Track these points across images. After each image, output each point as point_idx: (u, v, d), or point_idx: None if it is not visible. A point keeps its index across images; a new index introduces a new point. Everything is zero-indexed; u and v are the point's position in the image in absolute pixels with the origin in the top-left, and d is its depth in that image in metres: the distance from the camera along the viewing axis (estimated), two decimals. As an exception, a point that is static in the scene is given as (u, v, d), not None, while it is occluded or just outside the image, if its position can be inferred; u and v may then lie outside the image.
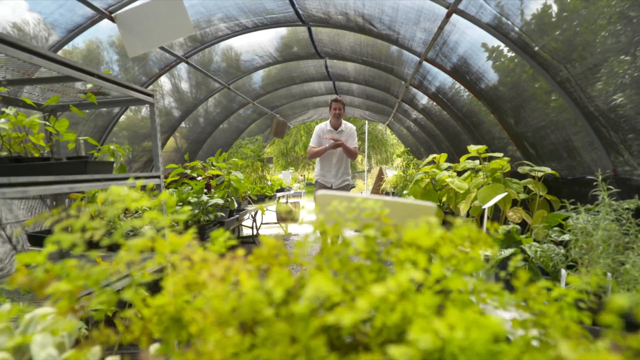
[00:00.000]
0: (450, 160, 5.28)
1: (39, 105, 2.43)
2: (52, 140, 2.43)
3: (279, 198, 7.19)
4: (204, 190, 4.00)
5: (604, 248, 1.44)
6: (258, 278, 0.49)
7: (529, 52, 2.47)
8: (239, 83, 5.81)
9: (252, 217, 6.72)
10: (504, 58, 2.90)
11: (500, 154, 3.03)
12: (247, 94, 6.33)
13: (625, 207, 1.53)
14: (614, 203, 1.57)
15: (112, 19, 2.74)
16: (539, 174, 2.84)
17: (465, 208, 3.16)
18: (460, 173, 4.01)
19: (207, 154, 6.77)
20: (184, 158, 5.67)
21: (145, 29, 2.69)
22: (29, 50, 1.56)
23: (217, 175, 4.34)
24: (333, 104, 4.81)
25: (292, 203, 8.03)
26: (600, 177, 1.66)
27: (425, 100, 5.35)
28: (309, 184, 21.29)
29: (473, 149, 3.11)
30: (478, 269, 0.43)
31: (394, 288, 0.36)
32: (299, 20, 3.98)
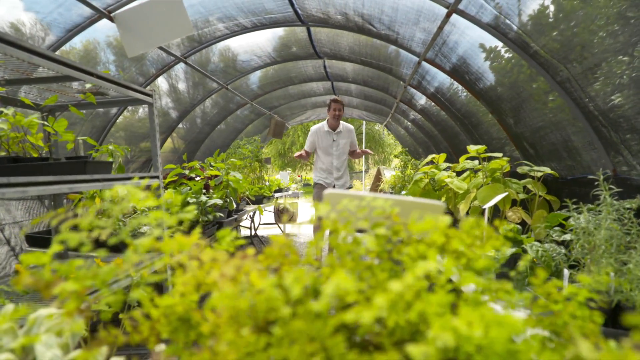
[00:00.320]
0: (449, 161, 5.28)
1: (38, 105, 2.42)
2: (50, 141, 2.41)
3: (277, 198, 7.18)
4: (203, 191, 3.99)
5: (607, 248, 1.44)
6: (269, 277, 0.48)
7: (529, 52, 2.48)
8: (237, 83, 5.80)
9: (250, 217, 6.71)
10: (504, 58, 2.90)
11: (500, 154, 3.03)
12: (245, 95, 6.32)
13: (627, 206, 1.53)
14: (616, 203, 1.57)
15: (111, 19, 2.73)
16: (539, 174, 2.84)
17: (465, 208, 3.16)
18: (459, 173, 4.01)
19: (205, 155, 6.76)
20: (182, 158, 5.66)
21: (145, 29, 2.68)
22: (29, 50, 1.55)
23: (215, 176, 4.33)
24: (332, 105, 4.63)
25: (290, 203, 8.01)
26: (602, 176, 1.66)
27: (424, 101, 5.36)
28: (307, 185, 21.27)
29: (473, 149, 3.11)
30: (490, 267, 0.43)
31: (412, 282, 0.36)
32: (298, 20, 3.97)
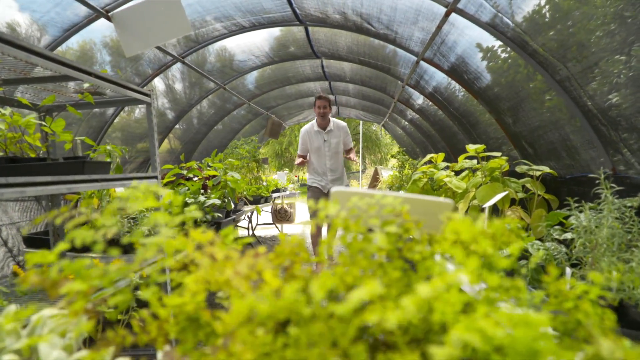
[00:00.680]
0: (447, 160, 5.29)
1: (35, 105, 2.40)
2: (48, 141, 2.40)
3: (275, 199, 7.16)
4: (201, 191, 3.98)
5: (609, 246, 1.44)
6: (280, 276, 0.47)
7: (528, 50, 2.48)
8: (235, 83, 5.78)
9: (248, 218, 6.69)
10: (502, 57, 2.90)
11: (499, 153, 3.03)
12: (242, 95, 6.30)
13: (628, 205, 1.54)
14: (617, 201, 1.57)
15: (108, 18, 2.72)
16: (537, 173, 2.84)
17: (464, 207, 3.16)
18: (458, 173, 4.01)
19: (202, 155, 6.73)
20: (180, 159, 5.64)
21: (142, 29, 2.67)
22: (27, 49, 1.54)
23: (213, 176, 4.31)
24: (317, 102, 4.25)
25: (287, 204, 7.99)
26: (603, 175, 1.66)
27: (422, 100, 5.36)
28: (304, 185, 21.22)
29: (472, 148, 3.11)
30: (513, 266, 0.42)
31: (442, 286, 0.35)
32: (296, 20, 3.97)
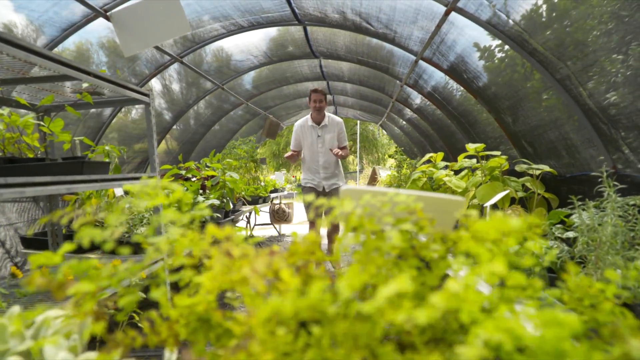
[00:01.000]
0: (446, 160, 5.29)
1: (33, 106, 2.38)
2: (46, 141, 2.38)
3: (273, 199, 7.15)
4: (199, 191, 3.96)
5: (613, 244, 1.44)
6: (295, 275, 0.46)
7: (528, 49, 2.48)
8: (233, 83, 5.76)
9: (246, 218, 6.68)
10: (502, 56, 2.90)
11: (498, 152, 3.03)
12: (240, 95, 6.28)
13: (632, 203, 1.53)
14: (619, 199, 1.57)
15: (107, 18, 2.70)
16: (537, 172, 2.84)
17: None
18: (457, 172, 4.01)
19: (199, 156, 6.71)
20: (178, 159, 5.62)
21: (141, 28, 2.65)
22: (26, 49, 1.52)
23: (211, 176, 4.30)
24: (312, 95, 4.08)
25: (285, 204, 7.98)
26: (605, 173, 1.66)
27: (420, 100, 5.36)
28: (300, 185, 21.19)
29: (471, 148, 3.11)
30: (537, 265, 0.41)
31: (472, 282, 0.34)
32: (295, 20, 3.96)
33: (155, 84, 4.55)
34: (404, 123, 7.54)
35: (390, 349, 0.32)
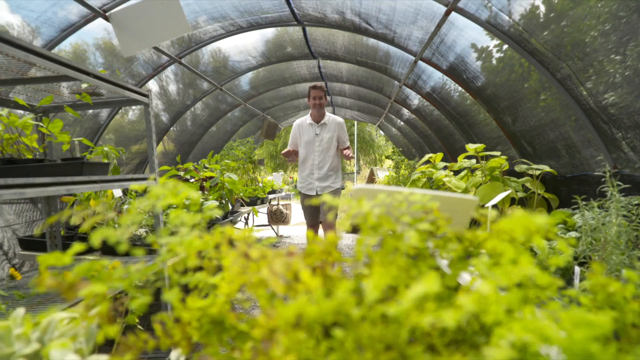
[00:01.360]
0: (444, 160, 5.29)
1: (32, 106, 2.36)
2: (45, 142, 2.36)
3: (271, 200, 7.13)
4: (198, 192, 3.94)
5: (617, 244, 1.44)
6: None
7: (529, 49, 2.48)
8: (231, 84, 5.75)
9: (244, 219, 6.66)
10: (502, 56, 2.90)
11: (498, 153, 3.03)
12: (238, 96, 6.27)
13: (635, 202, 1.53)
14: (623, 199, 1.57)
15: (106, 18, 2.68)
16: (537, 172, 2.84)
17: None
18: (457, 172, 4.01)
19: (197, 157, 6.69)
20: (176, 160, 5.60)
21: (140, 28, 2.63)
22: (26, 48, 1.50)
23: (210, 177, 4.28)
24: (312, 92, 3.84)
25: (283, 205, 7.97)
26: (609, 173, 1.66)
27: (419, 100, 5.36)
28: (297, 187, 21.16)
29: (471, 148, 3.11)
30: (565, 264, 0.41)
31: (506, 284, 0.33)
32: (294, 20, 3.95)
33: (153, 86, 4.51)
34: (402, 124, 7.55)
35: (420, 350, 0.32)
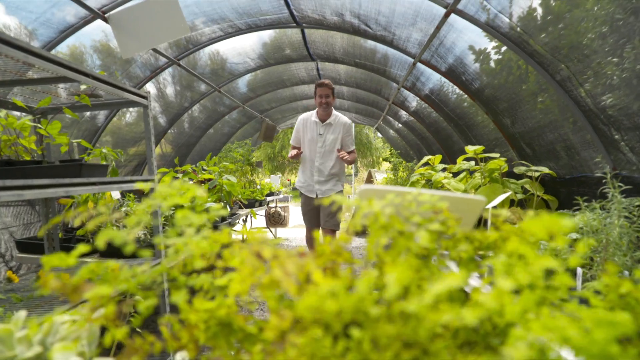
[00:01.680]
0: (443, 162, 5.29)
1: (30, 108, 2.35)
2: (43, 144, 2.35)
3: (269, 202, 7.12)
4: (197, 195, 3.92)
5: (619, 245, 1.44)
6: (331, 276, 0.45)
7: (528, 51, 2.48)
8: (229, 86, 5.74)
9: (243, 221, 6.64)
10: (501, 58, 2.91)
11: (497, 154, 3.03)
12: (236, 98, 6.26)
13: (637, 204, 1.53)
14: (624, 200, 1.57)
15: (105, 19, 2.67)
16: (536, 174, 2.84)
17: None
18: (456, 174, 4.01)
19: (195, 159, 6.67)
20: (174, 162, 5.58)
21: (139, 30, 2.62)
22: (25, 50, 1.50)
23: (208, 179, 4.27)
24: (318, 90, 3.59)
25: (281, 207, 7.95)
26: (609, 174, 1.66)
27: (417, 102, 5.37)
28: (295, 189, 21.16)
29: (470, 150, 3.11)
30: (581, 264, 0.40)
31: (526, 281, 0.33)
32: (293, 22, 3.95)
33: (150, 88, 4.49)
34: (400, 126, 7.55)
35: (443, 346, 0.31)
